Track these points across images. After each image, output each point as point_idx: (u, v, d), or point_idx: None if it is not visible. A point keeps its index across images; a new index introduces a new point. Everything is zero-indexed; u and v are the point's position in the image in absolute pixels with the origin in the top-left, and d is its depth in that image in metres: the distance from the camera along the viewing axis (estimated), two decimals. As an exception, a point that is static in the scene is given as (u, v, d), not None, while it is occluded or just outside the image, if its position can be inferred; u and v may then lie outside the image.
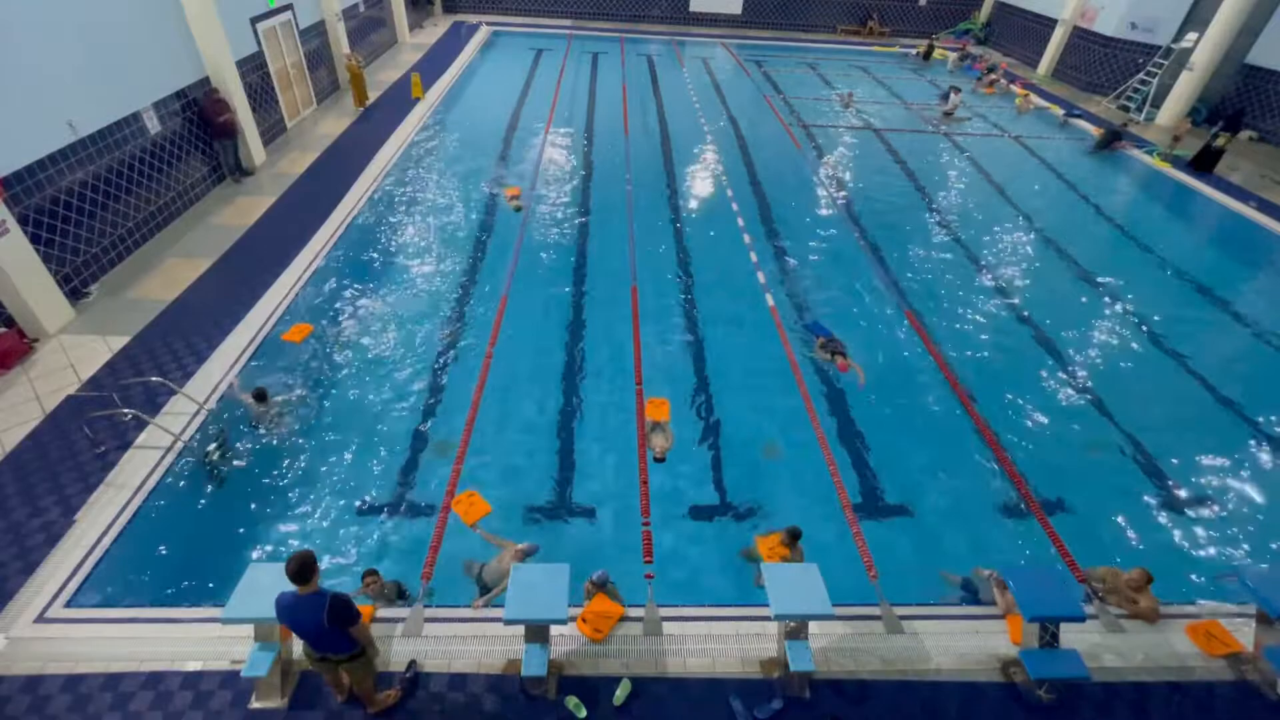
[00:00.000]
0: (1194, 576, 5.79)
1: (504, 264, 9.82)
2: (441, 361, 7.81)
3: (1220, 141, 14.55)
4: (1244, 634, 5.04)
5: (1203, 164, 14.68)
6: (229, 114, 10.92)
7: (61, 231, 7.88)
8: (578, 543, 5.78)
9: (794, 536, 5.46)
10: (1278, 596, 4.73)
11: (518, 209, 11.33)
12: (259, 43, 12.71)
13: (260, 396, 6.63)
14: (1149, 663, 4.92)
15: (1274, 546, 6.13)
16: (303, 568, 3.57)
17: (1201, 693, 4.77)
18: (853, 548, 5.76)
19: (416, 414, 7.03)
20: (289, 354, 7.63)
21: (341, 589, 5.11)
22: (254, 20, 12.54)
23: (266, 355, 7.57)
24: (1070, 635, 4.81)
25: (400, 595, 5.17)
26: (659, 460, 6.48)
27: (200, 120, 10.63)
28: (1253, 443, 7.34)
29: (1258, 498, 6.65)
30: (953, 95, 18.17)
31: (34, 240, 7.38)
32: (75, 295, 8.05)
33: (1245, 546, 6.12)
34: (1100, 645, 5.00)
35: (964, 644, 4.98)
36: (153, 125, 9.47)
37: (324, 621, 3.61)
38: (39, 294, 7.36)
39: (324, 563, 5.41)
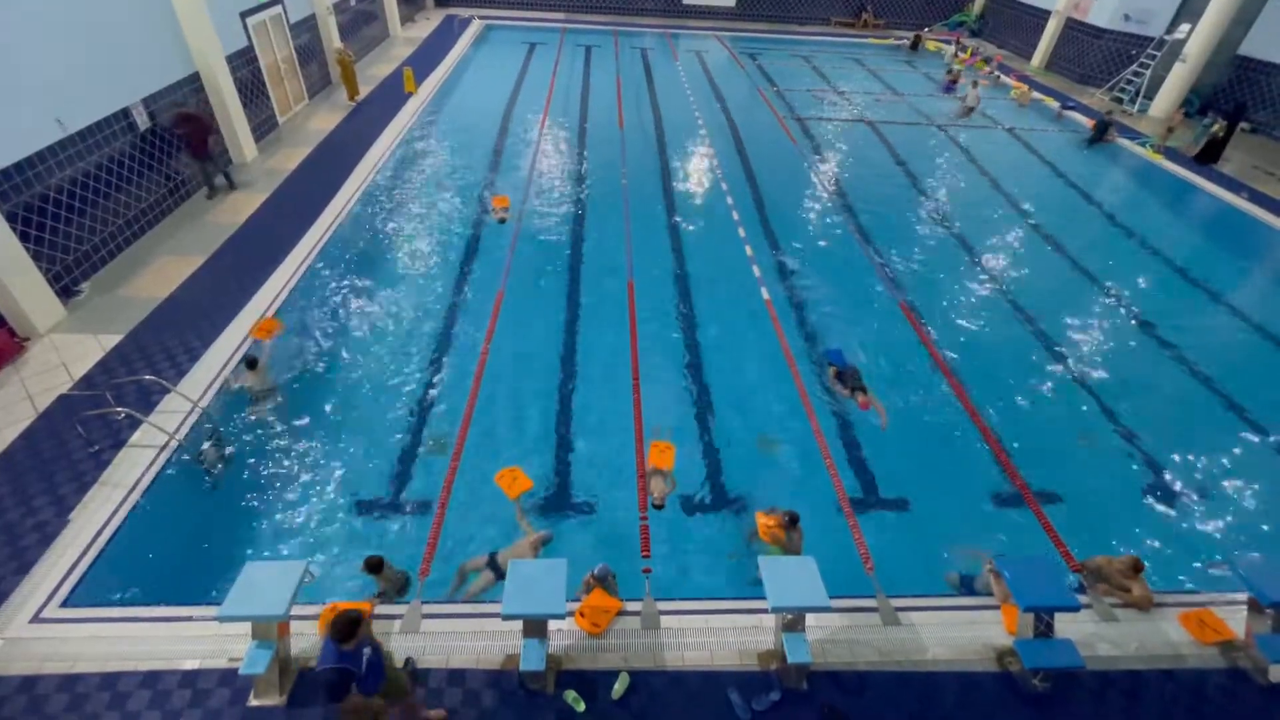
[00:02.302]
0: (1187, 565, 5.84)
1: (499, 259, 9.79)
2: (438, 358, 7.79)
3: (1215, 128, 14.58)
4: (1236, 622, 5.09)
5: (1206, 157, 14.70)
6: (188, 128, 9.96)
7: (51, 229, 7.81)
8: (575, 538, 5.78)
9: (793, 521, 5.51)
10: (1269, 584, 4.78)
11: (502, 220, 10.73)
12: (249, 37, 12.59)
13: (251, 364, 6.84)
14: (1142, 651, 4.97)
15: (1265, 535, 6.19)
16: (340, 626, 3.60)
17: (1194, 680, 4.82)
18: (849, 540, 5.79)
19: (413, 410, 7.01)
20: (284, 349, 7.58)
21: (340, 584, 5.17)
22: (244, 14, 12.42)
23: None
24: (1065, 625, 4.85)
25: (406, 584, 5.20)
26: (658, 507, 5.94)
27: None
28: (1244, 432, 7.39)
29: (1249, 486, 6.70)
30: (970, 89, 18.06)
31: (23, 238, 7.31)
32: (66, 293, 7.99)
33: (1237, 535, 6.17)
34: (1094, 634, 5.04)
35: (960, 635, 5.01)
36: (142, 121, 9.37)
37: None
38: (30, 292, 7.29)
39: (321, 560, 5.43)
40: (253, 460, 6.26)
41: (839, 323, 8.83)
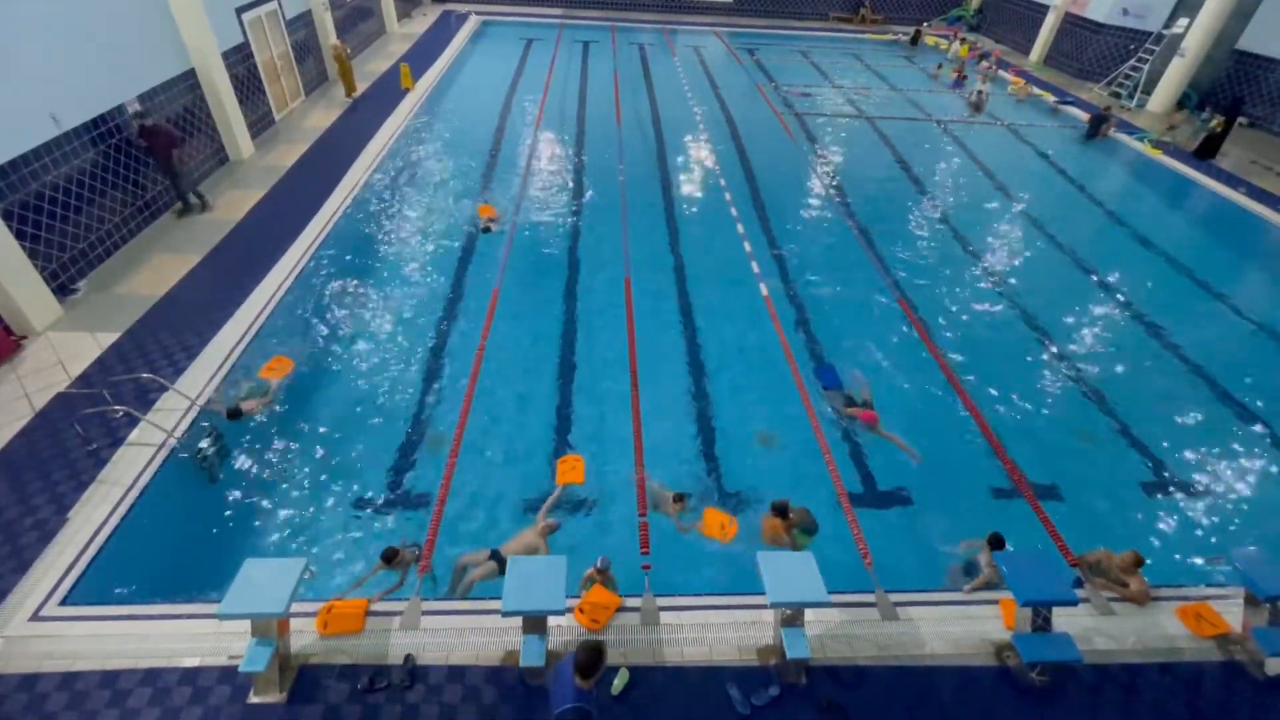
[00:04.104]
0: (1184, 559, 5.87)
1: (496, 255, 9.77)
2: (435, 355, 7.78)
3: (1214, 124, 14.57)
4: (1233, 615, 5.11)
5: (1204, 152, 14.71)
6: (151, 141, 9.29)
7: (47, 227, 7.78)
8: (574, 534, 5.79)
9: (779, 511, 5.55)
10: (1265, 578, 4.79)
11: (487, 230, 10.27)
12: (244, 33, 12.53)
13: (234, 414, 6.44)
14: (1139, 645, 4.99)
15: (1262, 529, 6.21)
16: (586, 658, 3.52)
17: (1191, 673, 4.84)
18: (848, 535, 5.80)
19: (411, 407, 7.01)
20: (281, 349, 7.56)
21: (339, 581, 5.17)
22: (239, 10, 12.36)
23: (258, 351, 7.50)
24: (1062, 619, 4.86)
25: (418, 556, 5.32)
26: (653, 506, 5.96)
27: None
28: (1241, 426, 7.41)
29: (1245, 480, 6.72)
30: (979, 83, 18.00)
31: (19, 236, 7.28)
32: (63, 292, 7.96)
33: (1234, 529, 6.20)
34: (1092, 628, 5.06)
35: (958, 629, 5.03)
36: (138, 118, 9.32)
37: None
38: (26, 291, 7.27)
39: (322, 557, 5.43)
40: (251, 457, 6.26)
41: (837, 318, 8.83)
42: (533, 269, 9.60)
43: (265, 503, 5.87)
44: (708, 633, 4.90)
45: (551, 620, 4.61)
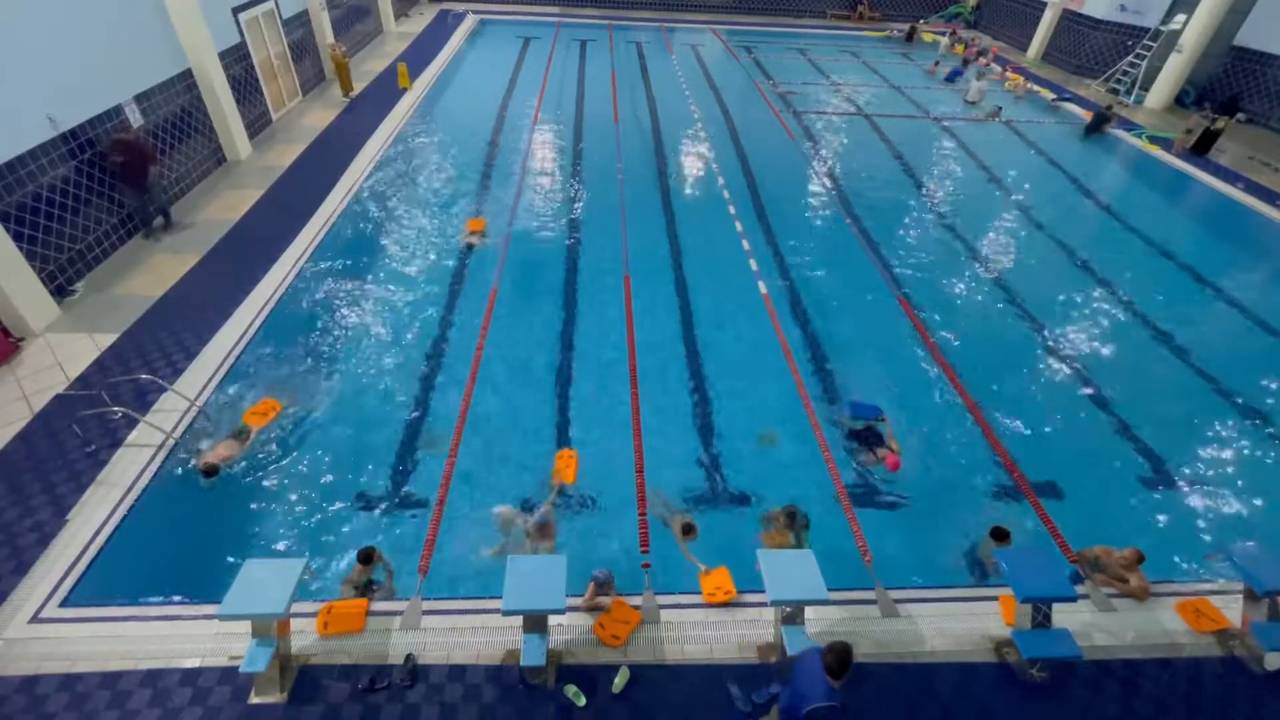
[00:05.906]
0: (1183, 556, 5.87)
1: (494, 255, 9.76)
2: (434, 353, 7.77)
3: (1220, 124, 14.59)
4: (1232, 611, 5.12)
5: (1200, 148, 14.74)
6: (124, 156, 8.74)
7: (44, 228, 7.76)
8: (574, 533, 5.78)
9: (790, 518, 5.53)
10: (1264, 573, 4.80)
11: (471, 245, 9.85)
12: (241, 33, 12.51)
13: (210, 472, 5.92)
14: (1139, 640, 5.00)
15: (1261, 524, 6.22)
16: (839, 658, 3.50)
17: (1190, 669, 4.85)
18: (848, 533, 5.80)
19: (409, 407, 7.00)
20: (279, 354, 7.55)
21: (339, 582, 5.17)
22: (235, 10, 12.34)
23: (256, 352, 7.51)
24: (1062, 615, 4.87)
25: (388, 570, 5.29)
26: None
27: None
28: (1239, 421, 7.42)
29: (1244, 476, 6.73)
30: (975, 82, 18.04)
31: (16, 238, 7.27)
32: (61, 293, 7.95)
33: (1233, 525, 6.20)
34: (1091, 624, 5.07)
35: (958, 626, 5.03)
36: (135, 119, 9.31)
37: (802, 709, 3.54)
38: (23, 292, 7.25)
39: (321, 557, 5.42)
40: (250, 458, 6.24)
41: (835, 315, 8.82)
42: (531, 268, 9.58)
43: (265, 503, 5.85)
44: (708, 630, 4.91)
45: (552, 619, 4.61)
